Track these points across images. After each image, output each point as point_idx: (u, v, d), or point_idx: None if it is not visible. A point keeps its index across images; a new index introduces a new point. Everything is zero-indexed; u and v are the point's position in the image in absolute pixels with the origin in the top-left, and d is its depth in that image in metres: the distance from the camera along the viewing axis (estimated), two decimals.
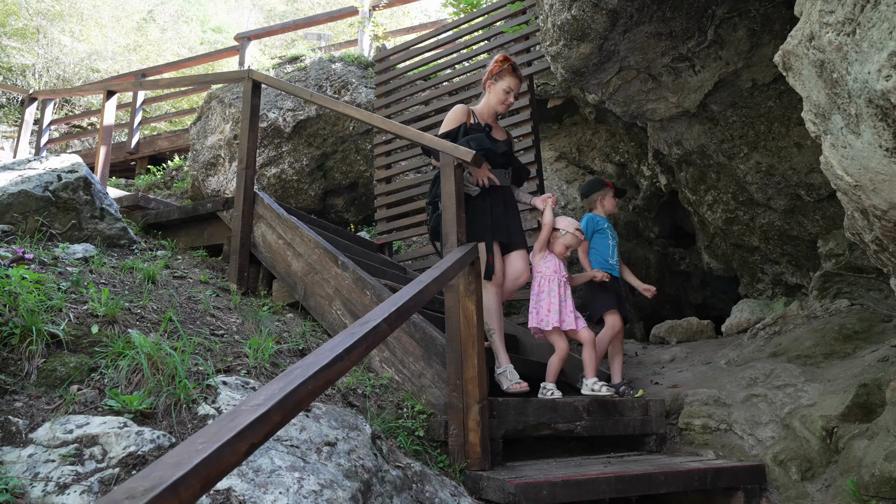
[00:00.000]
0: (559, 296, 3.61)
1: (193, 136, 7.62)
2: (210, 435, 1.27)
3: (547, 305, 3.59)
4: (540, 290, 3.65)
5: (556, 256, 3.72)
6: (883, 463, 2.96)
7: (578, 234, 3.77)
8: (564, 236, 3.73)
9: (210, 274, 4.15)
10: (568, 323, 3.57)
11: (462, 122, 3.73)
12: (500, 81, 3.81)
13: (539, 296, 3.65)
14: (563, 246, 3.72)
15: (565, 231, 3.75)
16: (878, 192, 1.98)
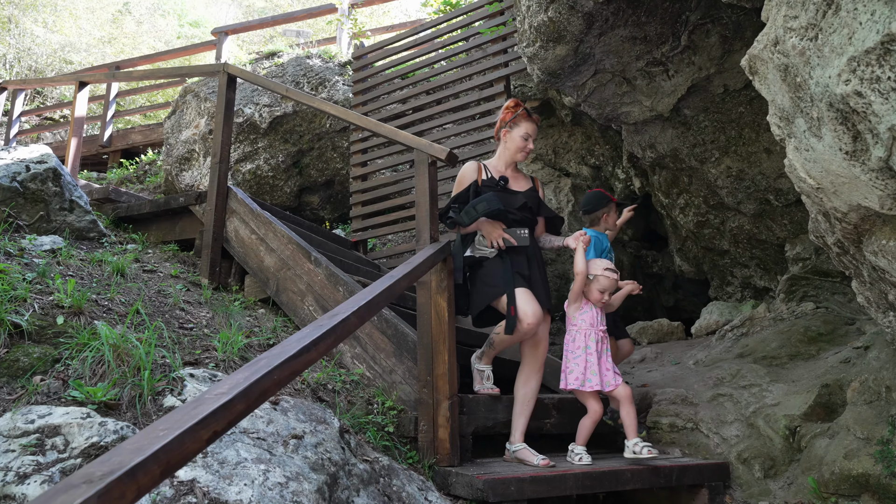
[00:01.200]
0: (597, 352, 3.20)
1: (167, 130, 7.53)
2: (172, 422, 1.26)
3: (583, 364, 3.18)
4: (576, 346, 3.24)
5: (592, 306, 3.28)
6: (843, 461, 3.03)
7: (611, 274, 3.29)
8: (596, 280, 3.28)
9: (181, 268, 4.11)
10: (607, 383, 3.18)
11: (473, 179, 3.40)
12: (515, 129, 3.48)
13: (575, 352, 3.23)
14: (598, 292, 3.26)
15: (594, 275, 3.29)
16: (839, 194, 2.03)
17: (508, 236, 3.26)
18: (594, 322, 3.26)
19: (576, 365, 3.20)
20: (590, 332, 3.22)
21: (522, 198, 3.40)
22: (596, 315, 3.27)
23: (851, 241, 2.29)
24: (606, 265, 3.33)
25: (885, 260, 2.08)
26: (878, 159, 1.73)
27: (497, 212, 3.19)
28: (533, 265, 3.35)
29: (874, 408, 3.11)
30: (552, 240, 3.55)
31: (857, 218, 2.08)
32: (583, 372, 3.17)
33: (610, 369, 3.23)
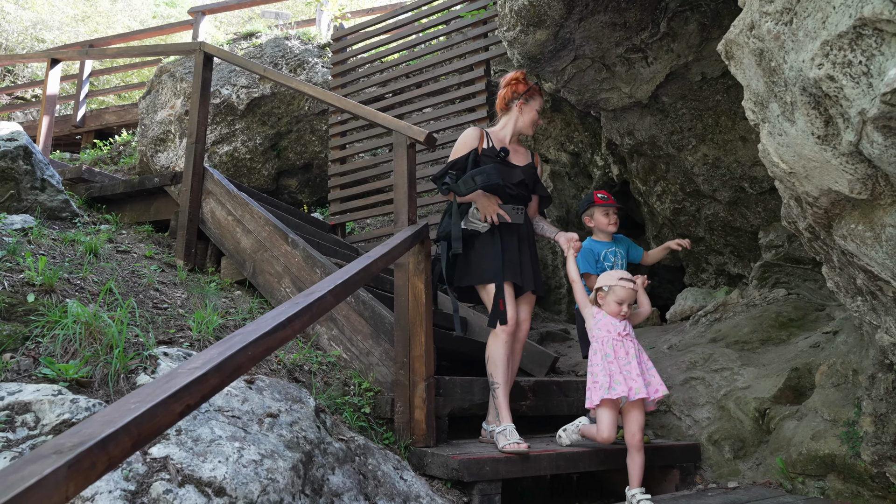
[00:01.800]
0: (617, 358, 2.91)
1: (142, 110, 7.41)
2: (144, 395, 1.26)
3: (607, 373, 2.89)
4: (597, 358, 2.97)
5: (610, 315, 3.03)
6: (810, 442, 3.10)
7: (626, 283, 3.03)
8: (612, 292, 3.01)
9: (156, 249, 4.07)
10: (636, 390, 2.84)
11: (473, 147, 3.26)
12: (531, 101, 3.42)
13: (598, 365, 2.95)
14: (616, 304, 2.99)
15: (608, 287, 3.03)
16: (810, 178, 2.06)
17: (503, 213, 3.15)
18: (611, 327, 2.99)
19: (604, 377, 2.89)
20: (607, 339, 2.97)
21: (521, 173, 3.29)
22: (612, 320, 3.01)
23: (822, 226, 2.33)
24: (621, 275, 3.05)
25: (854, 244, 2.12)
26: (848, 143, 1.76)
27: (495, 186, 3.08)
28: (524, 247, 3.26)
29: (841, 390, 3.18)
30: (543, 227, 3.42)
31: (828, 202, 2.12)
32: (608, 380, 2.87)
33: (642, 374, 2.89)
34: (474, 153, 3.24)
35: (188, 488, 1.69)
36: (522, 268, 3.18)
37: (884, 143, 1.62)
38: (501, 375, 3.04)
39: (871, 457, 2.81)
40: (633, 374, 2.88)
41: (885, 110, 1.50)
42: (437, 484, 2.71)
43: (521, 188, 3.27)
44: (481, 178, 3.04)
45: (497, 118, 3.52)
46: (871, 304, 2.59)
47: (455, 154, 3.28)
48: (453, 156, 3.28)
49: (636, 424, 2.88)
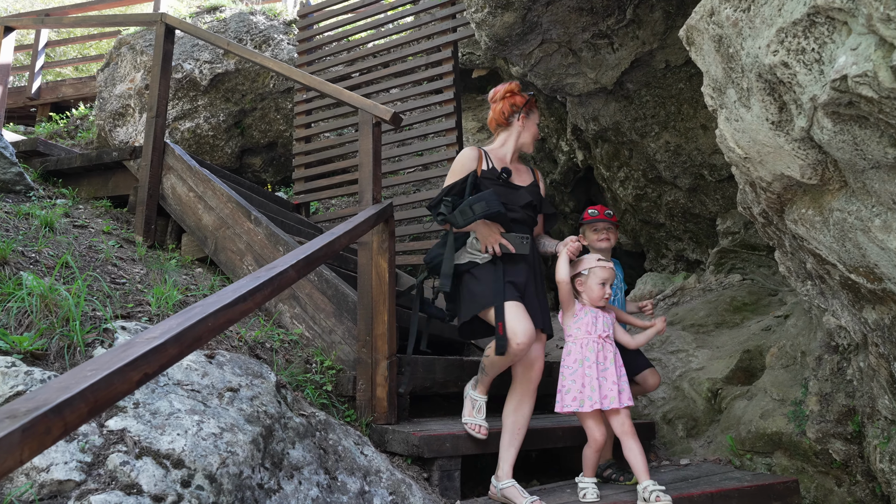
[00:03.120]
0: (597, 364, 2.68)
1: (101, 83, 7.20)
2: (101, 363, 1.25)
3: (581, 379, 2.68)
4: (571, 359, 2.75)
5: (589, 310, 2.80)
6: (759, 420, 3.22)
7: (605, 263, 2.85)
8: (592, 274, 2.80)
9: (114, 225, 3.99)
10: (611, 400, 2.64)
11: (471, 169, 2.93)
12: (532, 115, 3.15)
13: (571, 367, 2.74)
14: (599, 286, 2.78)
15: (588, 269, 2.82)
16: (764, 163, 2.12)
17: (507, 242, 2.80)
18: (591, 328, 2.75)
19: (572, 382, 2.69)
20: (586, 341, 2.73)
21: (527, 194, 2.96)
22: (594, 320, 2.77)
23: (775, 211, 2.40)
24: (598, 256, 2.90)
25: (804, 228, 2.20)
26: (800, 129, 1.81)
27: (497, 214, 2.75)
28: (530, 276, 2.88)
29: (790, 371, 3.30)
30: (546, 244, 3.08)
31: (781, 187, 2.18)
32: (580, 389, 2.67)
33: (616, 384, 2.66)
34: (473, 176, 2.90)
35: (146, 460, 1.69)
36: (527, 295, 2.81)
37: (833, 129, 1.68)
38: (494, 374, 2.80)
39: (815, 434, 2.93)
40: (609, 382, 2.66)
41: (835, 96, 1.56)
42: (397, 460, 2.74)
43: (528, 210, 2.96)
44: (480, 207, 2.73)
45: (494, 135, 3.19)
46: (820, 287, 2.69)
47: (451, 178, 2.94)
48: (449, 180, 2.95)
49: (623, 414, 2.67)
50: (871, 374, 2.65)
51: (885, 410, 2.60)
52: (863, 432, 2.77)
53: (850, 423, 2.82)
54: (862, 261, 1.99)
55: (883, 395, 2.59)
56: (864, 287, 2.14)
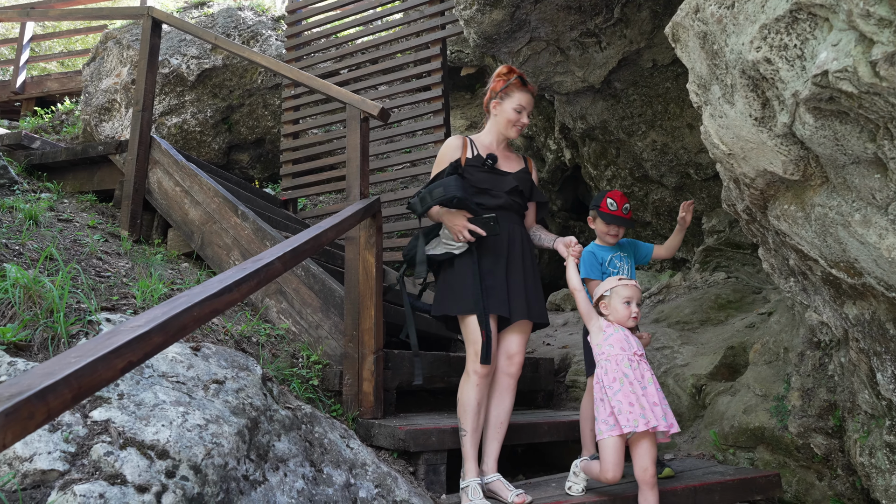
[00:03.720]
0: (635, 382, 2.45)
1: (87, 77, 7.14)
2: (85, 350, 1.24)
3: (629, 397, 2.42)
4: (611, 378, 2.49)
5: (617, 327, 2.59)
6: (742, 416, 3.25)
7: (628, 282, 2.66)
8: (615, 294, 2.61)
9: (99, 219, 3.96)
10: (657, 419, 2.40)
11: (454, 158, 2.86)
12: (507, 100, 2.89)
13: (612, 387, 2.47)
14: (624, 306, 2.57)
15: (610, 290, 2.63)
16: (748, 159, 2.15)
17: (476, 227, 2.65)
18: (625, 345, 2.55)
19: (619, 402, 2.42)
20: (622, 358, 2.52)
21: (513, 180, 2.85)
22: (626, 336, 2.58)
23: (758, 207, 2.43)
24: (619, 277, 2.71)
25: (786, 224, 2.23)
26: (783, 125, 1.84)
27: (452, 200, 2.64)
28: (514, 267, 2.77)
29: (773, 367, 3.34)
30: (541, 237, 2.93)
31: (764, 183, 2.21)
32: (630, 409, 2.40)
33: (659, 404, 2.45)
34: (456, 164, 2.82)
35: (130, 451, 1.68)
36: (511, 293, 2.71)
37: (814, 124, 1.70)
38: (470, 422, 2.60)
39: (797, 429, 2.96)
40: (649, 403, 2.42)
41: (816, 92, 1.58)
42: (383, 454, 2.74)
43: (516, 196, 2.85)
44: (438, 193, 2.67)
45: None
46: (802, 284, 2.72)
47: (436, 168, 2.90)
48: (434, 170, 2.90)
49: (648, 458, 2.42)
50: (852, 370, 2.69)
51: (865, 405, 2.63)
52: (843, 427, 2.81)
53: (832, 417, 2.86)
54: (843, 256, 2.02)
55: (863, 390, 2.62)
56: (845, 282, 2.17)
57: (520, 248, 2.82)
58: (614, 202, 3.06)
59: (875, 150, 1.62)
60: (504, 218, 2.80)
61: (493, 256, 2.75)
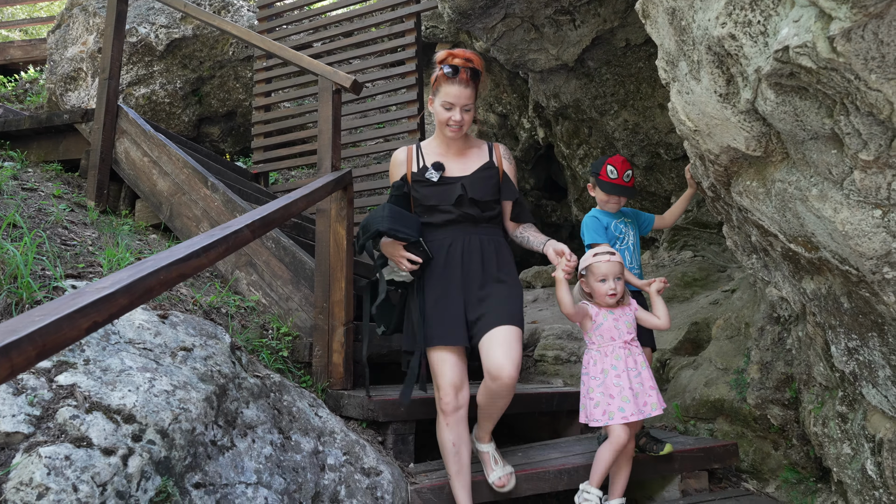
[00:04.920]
0: (627, 370, 2.45)
1: (52, 45, 6.95)
2: (50, 309, 1.24)
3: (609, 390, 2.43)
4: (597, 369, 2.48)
5: (608, 312, 2.52)
6: (703, 388, 3.34)
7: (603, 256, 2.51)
8: (589, 274, 2.51)
9: (65, 189, 3.89)
10: (652, 406, 2.46)
11: (398, 176, 2.62)
12: (436, 96, 2.52)
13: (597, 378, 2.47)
14: (600, 283, 2.48)
15: (585, 269, 2.52)
16: (713, 136, 2.19)
17: (412, 256, 2.43)
18: (614, 333, 2.49)
19: (601, 395, 2.44)
20: (611, 348, 2.48)
21: (461, 187, 2.49)
22: (614, 323, 2.50)
23: (722, 184, 2.48)
24: (595, 250, 2.55)
25: (748, 199, 2.28)
26: (746, 101, 1.88)
27: (377, 235, 2.45)
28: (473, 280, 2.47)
29: (734, 342, 3.43)
30: (529, 239, 2.58)
31: (728, 160, 2.26)
32: (608, 402, 2.42)
33: (655, 388, 2.49)
34: (399, 185, 2.58)
35: (96, 415, 1.68)
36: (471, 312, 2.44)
37: (775, 100, 1.74)
38: (450, 465, 2.43)
39: (755, 400, 3.06)
40: (646, 387, 2.46)
41: (777, 67, 1.62)
42: (352, 424, 2.77)
43: (466, 206, 2.50)
44: (363, 234, 2.49)
45: None
46: (764, 260, 2.79)
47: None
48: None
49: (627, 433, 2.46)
50: (809, 343, 2.78)
51: (819, 377, 2.73)
52: (799, 398, 2.91)
53: (788, 389, 2.96)
54: (801, 230, 2.08)
55: (818, 363, 2.72)
56: (804, 257, 2.24)
57: (479, 260, 2.49)
58: (615, 169, 2.89)
59: (832, 125, 1.67)
60: (458, 232, 2.51)
61: (445, 281, 2.48)
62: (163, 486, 1.68)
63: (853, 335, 2.27)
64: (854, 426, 2.47)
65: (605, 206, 2.94)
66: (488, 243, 2.53)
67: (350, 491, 2.22)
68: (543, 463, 2.77)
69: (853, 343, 2.28)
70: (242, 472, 1.93)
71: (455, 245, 2.49)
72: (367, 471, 2.33)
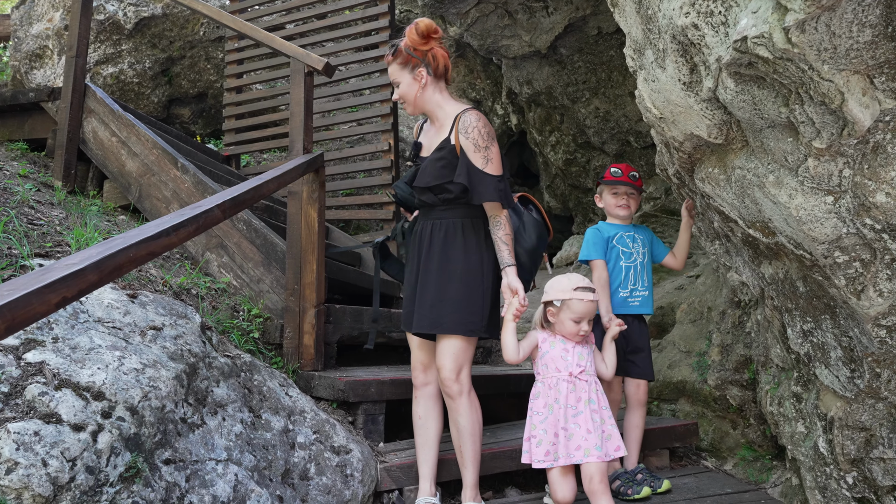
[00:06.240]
0: (566, 408, 2.22)
1: (16, 21, 6.78)
2: (19, 284, 1.25)
3: (552, 427, 2.23)
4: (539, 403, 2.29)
5: (560, 339, 2.33)
6: (666, 371, 3.44)
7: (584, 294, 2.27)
8: (566, 308, 2.28)
9: (31, 168, 3.83)
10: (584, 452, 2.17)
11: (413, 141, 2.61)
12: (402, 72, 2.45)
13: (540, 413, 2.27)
14: (573, 323, 2.27)
15: (560, 301, 2.29)
16: (677, 123, 2.25)
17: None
18: (560, 363, 2.28)
19: (543, 432, 2.23)
20: (555, 381, 2.26)
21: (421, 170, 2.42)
22: (563, 353, 2.29)
23: (686, 171, 2.55)
24: (577, 283, 2.29)
25: (710, 186, 2.35)
26: (708, 90, 1.94)
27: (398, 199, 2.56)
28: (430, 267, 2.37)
29: (697, 326, 3.53)
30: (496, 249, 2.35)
31: (691, 147, 2.32)
32: (552, 441, 2.21)
33: (593, 431, 2.19)
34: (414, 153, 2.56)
35: (65, 392, 1.69)
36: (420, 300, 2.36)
37: (735, 89, 1.80)
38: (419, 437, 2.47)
39: (715, 381, 3.16)
40: (581, 430, 2.19)
41: (736, 57, 1.68)
42: (323, 404, 2.80)
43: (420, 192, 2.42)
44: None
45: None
46: (726, 246, 2.88)
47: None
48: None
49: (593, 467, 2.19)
50: (767, 326, 2.88)
51: (776, 359, 2.83)
52: (757, 379, 3.01)
53: (747, 371, 3.06)
54: (758, 216, 2.15)
55: (775, 345, 2.82)
56: (762, 242, 2.32)
57: (440, 246, 2.37)
58: (619, 170, 2.83)
59: (788, 114, 1.73)
60: (423, 216, 2.48)
61: (410, 265, 2.50)
62: (132, 462, 1.70)
63: (808, 318, 2.36)
64: (808, 405, 2.57)
65: (614, 212, 2.82)
66: (438, 228, 2.40)
67: (320, 468, 2.26)
68: (510, 442, 2.83)
69: (808, 325, 2.37)
70: (213, 449, 1.95)
71: (417, 230, 2.49)
72: (337, 449, 2.36)
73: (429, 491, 2.41)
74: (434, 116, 2.48)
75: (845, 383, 2.26)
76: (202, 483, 1.86)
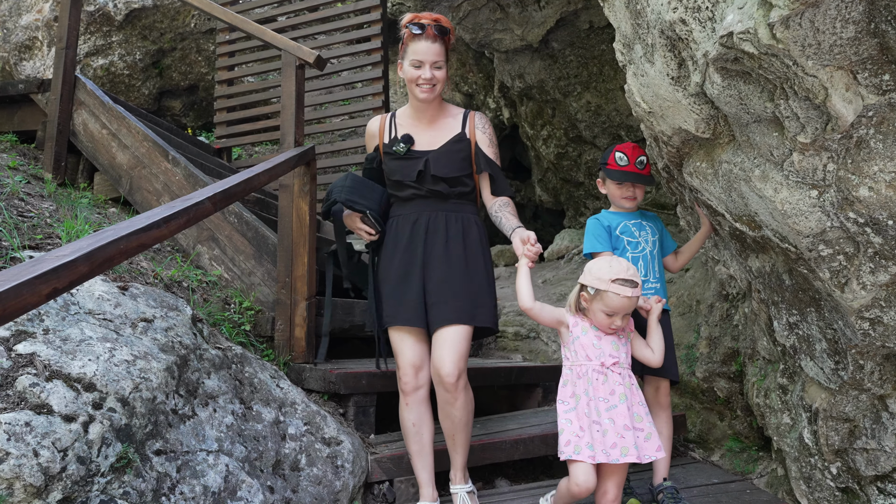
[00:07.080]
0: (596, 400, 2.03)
1: (4, 12, 6.73)
2: (10, 275, 1.26)
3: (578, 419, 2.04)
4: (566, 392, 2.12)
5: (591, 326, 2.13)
6: None
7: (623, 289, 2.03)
8: (599, 298, 2.08)
9: (21, 161, 3.81)
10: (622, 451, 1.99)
11: (374, 145, 2.55)
12: (405, 57, 2.40)
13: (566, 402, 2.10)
14: (605, 316, 2.07)
15: (595, 289, 2.08)
16: (665, 117, 2.27)
17: (367, 227, 2.44)
18: (592, 352, 2.08)
19: (567, 422, 2.06)
20: (585, 370, 2.08)
21: (427, 161, 2.38)
22: (596, 340, 2.11)
23: (675, 165, 2.57)
24: (618, 273, 2.06)
25: (698, 180, 2.37)
26: (695, 84, 1.96)
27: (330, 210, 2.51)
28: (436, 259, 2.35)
29: (686, 319, 3.56)
30: (502, 220, 2.37)
31: (679, 141, 2.34)
32: (577, 433, 2.03)
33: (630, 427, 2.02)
34: (371, 158, 2.54)
35: (56, 383, 1.70)
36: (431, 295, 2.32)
37: (722, 84, 1.82)
38: (410, 445, 2.39)
39: (703, 374, 3.19)
40: (617, 426, 2.01)
41: (723, 52, 1.69)
42: (314, 396, 2.82)
43: (429, 182, 2.39)
44: (325, 202, 2.52)
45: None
46: (714, 239, 2.91)
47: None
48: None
49: (612, 481, 2.06)
50: (753, 319, 2.91)
51: (763, 351, 2.86)
52: (744, 372, 3.04)
53: (734, 363, 3.09)
54: (745, 210, 2.18)
55: (762, 337, 2.85)
56: (749, 235, 2.34)
57: (444, 238, 2.37)
58: (624, 156, 2.57)
59: (773, 109, 1.75)
60: (425, 208, 2.41)
61: (408, 257, 2.38)
62: (123, 453, 1.71)
63: (794, 311, 2.39)
64: (793, 397, 2.61)
65: (619, 202, 2.61)
66: (455, 221, 2.40)
67: (311, 459, 2.27)
68: (500, 434, 2.85)
69: (794, 318, 2.40)
70: (203, 440, 1.96)
71: (420, 221, 2.40)
72: (328, 440, 2.38)
73: (430, 496, 2.35)
74: (435, 110, 2.48)
75: (830, 375, 2.29)
76: (193, 473, 1.87)
